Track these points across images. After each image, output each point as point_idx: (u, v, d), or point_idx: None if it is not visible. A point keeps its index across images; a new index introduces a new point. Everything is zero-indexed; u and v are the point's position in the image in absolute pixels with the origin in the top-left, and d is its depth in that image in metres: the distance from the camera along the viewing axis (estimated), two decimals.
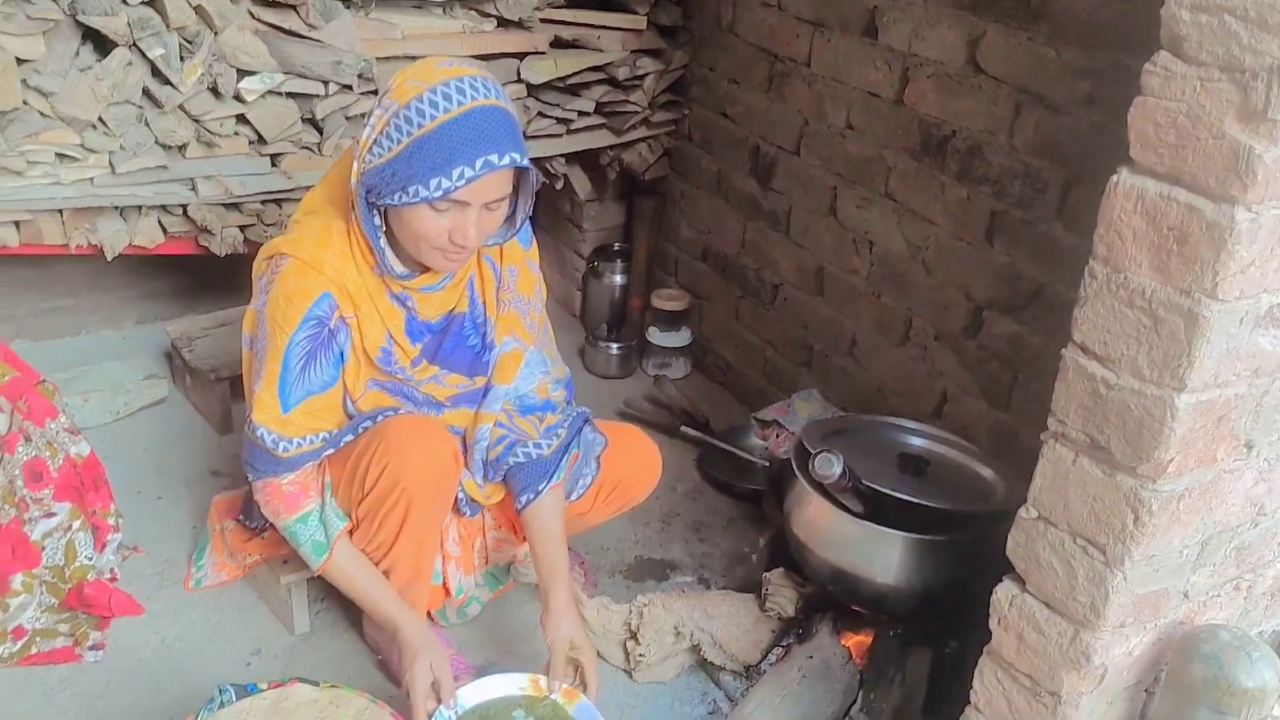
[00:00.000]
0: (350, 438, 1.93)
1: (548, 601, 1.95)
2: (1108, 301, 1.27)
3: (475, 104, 1.68)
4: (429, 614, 2.16)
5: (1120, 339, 1.27)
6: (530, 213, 1.89)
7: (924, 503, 1.89)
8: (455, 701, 1.83)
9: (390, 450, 1.84)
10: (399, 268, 1.85)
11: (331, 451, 1.94)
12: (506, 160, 1.68)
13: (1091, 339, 1.30)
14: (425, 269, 1.87)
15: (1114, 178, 1.24)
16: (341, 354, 1.88)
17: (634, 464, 2.17)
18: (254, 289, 1.91)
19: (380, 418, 1.93)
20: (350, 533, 1.96)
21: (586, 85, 2.97)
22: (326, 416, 1.90)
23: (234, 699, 1.73)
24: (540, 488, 1.99)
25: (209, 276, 3.09)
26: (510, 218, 1.87)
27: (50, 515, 2.10)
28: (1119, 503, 1.32)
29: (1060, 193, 2.12)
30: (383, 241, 1.80)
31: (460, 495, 2.05)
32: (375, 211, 1.78)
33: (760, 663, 2.13)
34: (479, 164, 1.66)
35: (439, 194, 1.67)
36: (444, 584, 2.12)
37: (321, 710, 1.72)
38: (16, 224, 2.44)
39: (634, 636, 2.15)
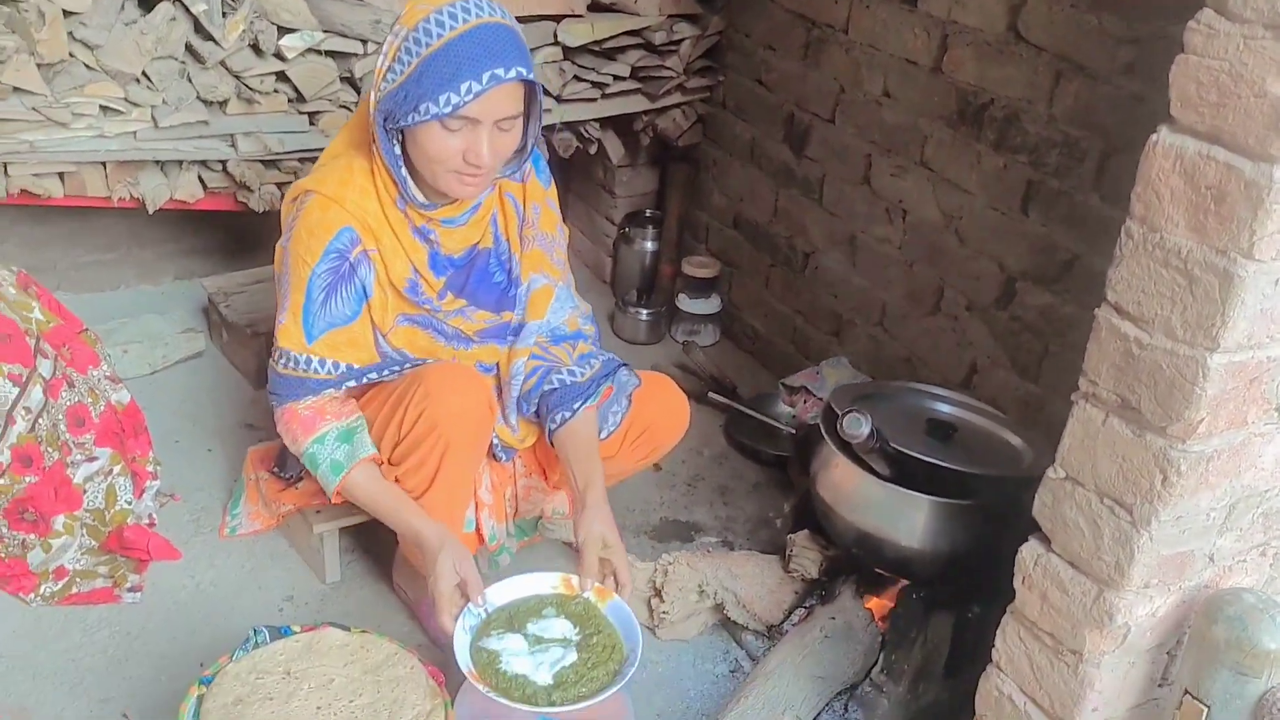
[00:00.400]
0: (374, 375, 1.97)
1: (583, 499, 1.93)
2: (1143, 261, 1.28)
3: (480, 20, 1.72)
4: None
5: (1154, 299, 1.27)
6: (539, 137, 1.92)
7: (950, 466, 1.90)
8: (484, 600, 1.80)
9: (429, 395, 1.87)
10: (421, 197, 1.89)
11: (353, 384, 1.96)
12: (513, 74, 1.73)
13: (1125, 299, 1.31)
14: (448, 200, 1.91)
15: (1153, 136, 1.24)
16: (364, 289, 1.92)
17: (663, 410, 2.19)
18: (282, 230, 1.97)
19: (408, 366, 1.98)
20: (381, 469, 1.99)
21: (622, 49, 2.98)
22: (349, 351, 1.93)
23: (268, 640, 1.77)
24: (575, 407, 2.02)
25: (246, 233, 3.13)
26: (520, 150, 1.90)
27: (92, 459, 2.15)
28: (1148, 463, 1.33)
29: (1098, 163, 2.12)
30: (404, 171, 1.85)
31: (494, 441, 2.09)
32: (394, 141, 1.82)
33: (783, 623, 2.15)
34: (486, 78, 1.71)
35: (449, 110, 1.72)
36: (477, 530, 2.15)
37: (353, 654, 1.76)
38: (61, 175, 2.48)
39: (658, 594, 2.17)
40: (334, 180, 1.89)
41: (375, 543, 2.35)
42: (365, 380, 1.98)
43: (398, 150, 1.84)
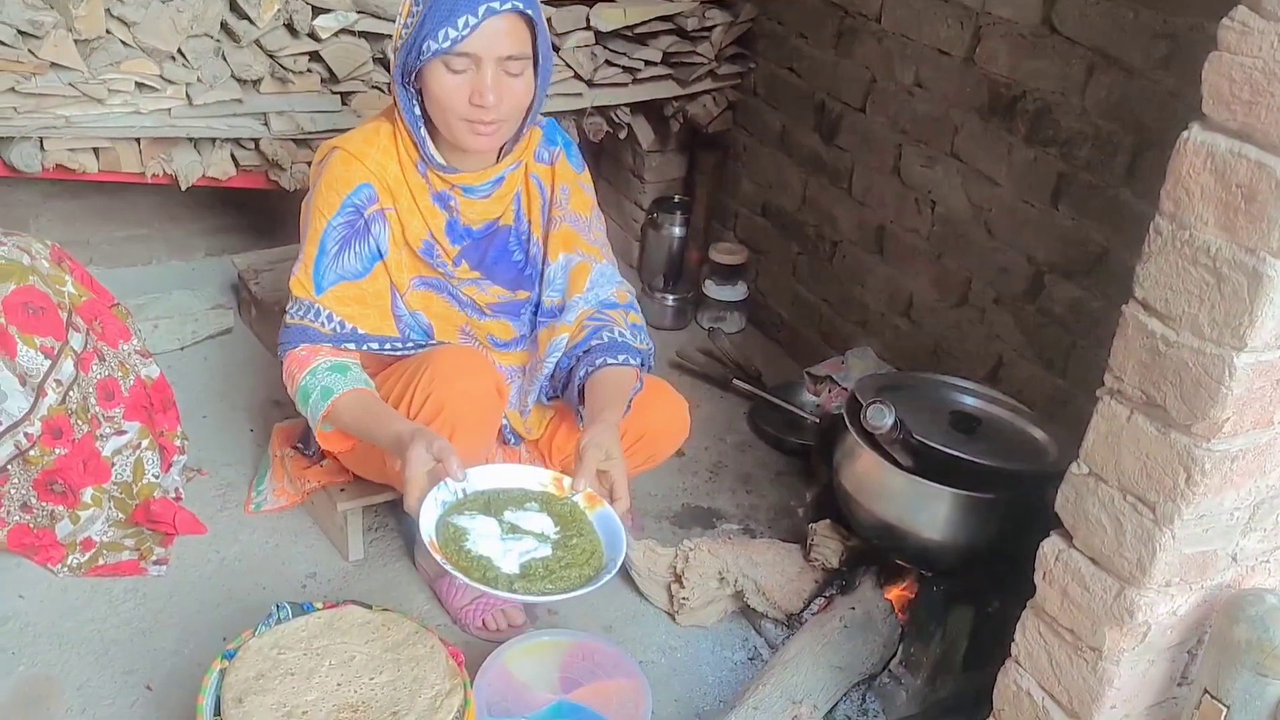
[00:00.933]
0: (375, 346, 1.97)
1: (596, 416, 1.85)
2: (1171, 258, 1.27)
3: None
4: None
5: (1182, 296, 1.26)
6: (546, 87, 1.93)
7: (973, 459, 1.90)
8: (464, 477, 1.71)
9: (436, 378, 1.88)
10: (440, 159, 1.93)
11: (352, 346, 1.95)
12: (509, 5, 1.77)
13: (1153, 295, 1.30)
14: (469, 167, 1.93)
15: (1184, 133, 1.23)
16: (379, 249, 1.94)
17: (662, 417, 2.12)
18: (309, 190, 2.01)
19: (411, 345, 2.00)
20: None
21: (654, 35, 2.97)
22: (357, 309, 1.94)
23: (290, 616, 1.79)
24: (620, 357, 1.98)
25: (277, 212, 3.14)
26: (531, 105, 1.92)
27: (121, 433, 2.18)
28: (1172, 461, 1.32)
29: (1130, 157, 2.10)
30: (423, 131, 1.89)
31: (504, 425, 2.09)
32: (414, 100, 1.86)
33: (802, 612, 2.15)
34: (481, 10, 1.75)
35: (448, 45, 1.76)
36: None
37: (374, 631, 1.77)
38: (96, 151, 2.51)
39: (679, 580, 2.18)
40: (358, 139, 1.94)
41: (398, 522, 2.37)
42: (366, 348, 1.97)
43: (417, 110, 1.88)
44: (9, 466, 2.05)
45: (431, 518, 1.67)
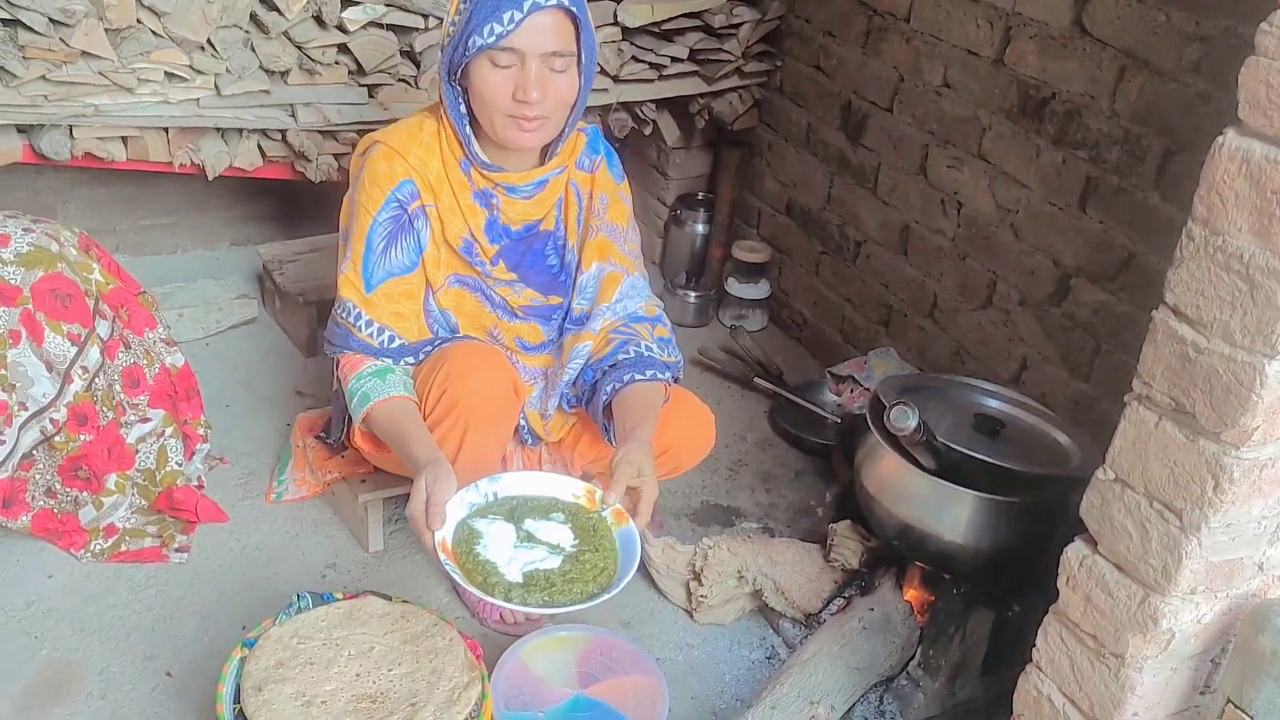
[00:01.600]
0: (411, 360, 1.99)
1: (630, 434, 1.85)
2: (1203, 264, 1.26)
3: None
4: None
5: (1214, 302, 1.25)
6: (590, 84, 1.94)
7: (996, 463, 1.89)
8: (494, 485, 1.75)
9: (451, 374, 1.89)
10: (484, 156, 1.93)
11: (390, 360, 1.96)
12: (553, 2, 1.77)
13: (1184, 301, 1.29)
14: (511, 166, 1.94)
15: (1219, 139, 1.22)
16: (420, 243, 1.95)
17: (688, 430, 2.11)
18: (349, 183, 2.02)
19: (437, 344, 2.00)
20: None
21: (681, 31, 2.97)
22: (406, 304, 1.96)
23: (310, 606, 1.80)
24: (648, 372, 1.97)
25: (302, 203, 3.16)
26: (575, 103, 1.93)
27: (145, 420, 2.19)
28: (1200, 468, 1.31)
29: (1159, 161, 2.09)
30: (469, 129, 1.90)
31: (522, 424, 2.10)
32: (460, 98, 1.87)
33: (821, 612, 2.15)
34: (527, 5, 1.76)
35: (493, 40, 1.76)
36: None
37: (393, 623, 1.78)
38: (125, 140, 2.52)
39: (697, 578, 2.18)
40: (401, 134, 1.95)
41: None
42: (403, 363, 1.98)
43: (463, 107, 1.89)
44: (35, 452, 2.06)
45: (454, 518, 1.68)
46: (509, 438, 2.07)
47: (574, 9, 1.80)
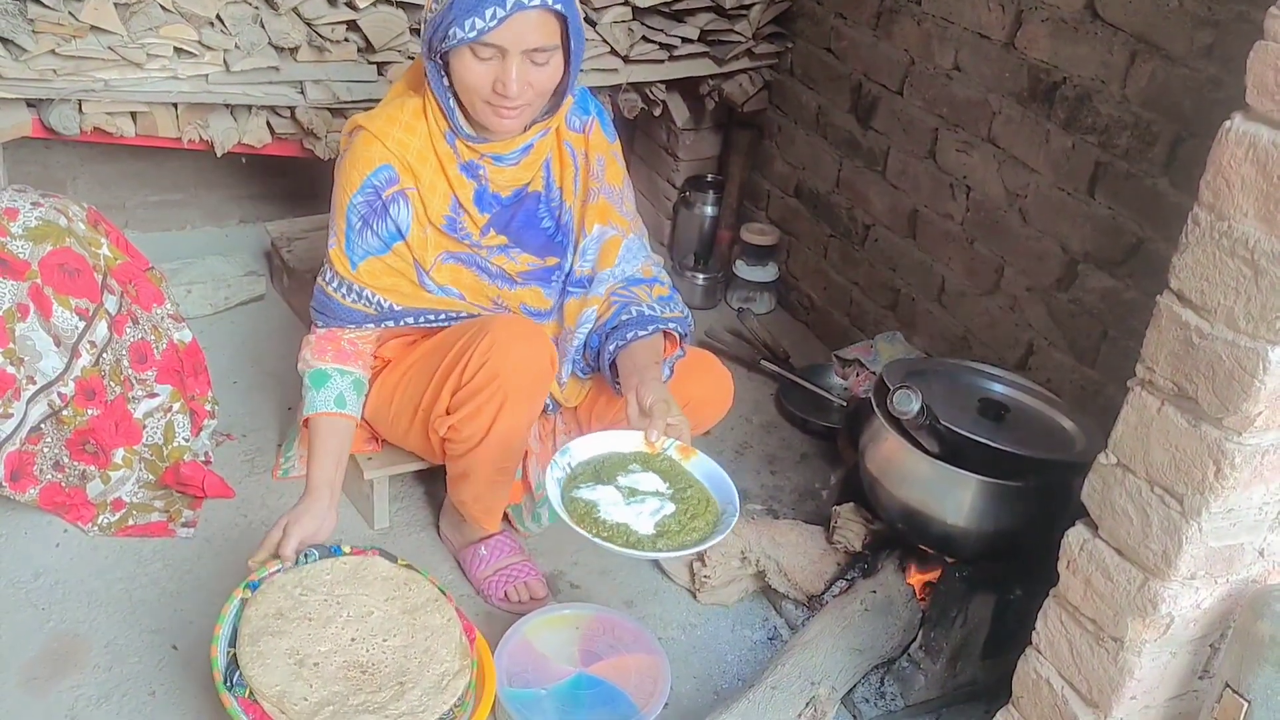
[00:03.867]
0: (411, 321, 2.02)
1: (642, 374, 1.90)
2: (1209, 249, 1.26)
3: None
4: (505, 515, 2.23)
5: (1218, 288, 1.25)
6: (577, 75, 1.92)
7: (999, 446, 1.89)
8: (565, 458, 1.77)
9: (494, 345, 1.89)
10: (468, 129, 1.92)
11: (391, 324, 2.01)
12: (537, 1, 1.73)
13: (1189, 286, 1.29)
14: (495, 135, 1.93)
15: (1226, 123, 1.22)
16: (399, 229, 1.96)
17: (706, 389, 2.14)
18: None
19: (443, 316, 2.03)
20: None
21: (692, 12, 2.96)
22: (387, 279, 1.98)
23: (317, 559, 1.80)
24: (649, 328, 2.01)
25: (311, 180, 3.16)
26: (560, 89, 1.91)
27: (152, 395, 2.20)
28: (1201, 453, 1.31)
29: (1169, 147, 2.08)
30: (451, 102, 1.89)
31: None
32: (442, 72, 1.86)
33: (823, 593, 2.15)
34: (510, 3, 1.72)
35: (474, 35, 1.74)
36: (524, 478, 2.18)
37: (395, 589, 1.78)
38: (134, 115, 2.52)
39: (701, 558, 2.19)
40: (382, 118, 1.94)
41: (424, 491, 2.39)
42: (403, 324, 2.02)
43: (446, 82, 1.87)
44: (43, 426, 2.08)
45: (557, 498, 1.70)
46: (539, 412, 2.08)
47: (559, 7, 1.76)
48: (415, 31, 2.65)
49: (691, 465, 1.78)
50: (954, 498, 1.96)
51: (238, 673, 1.61)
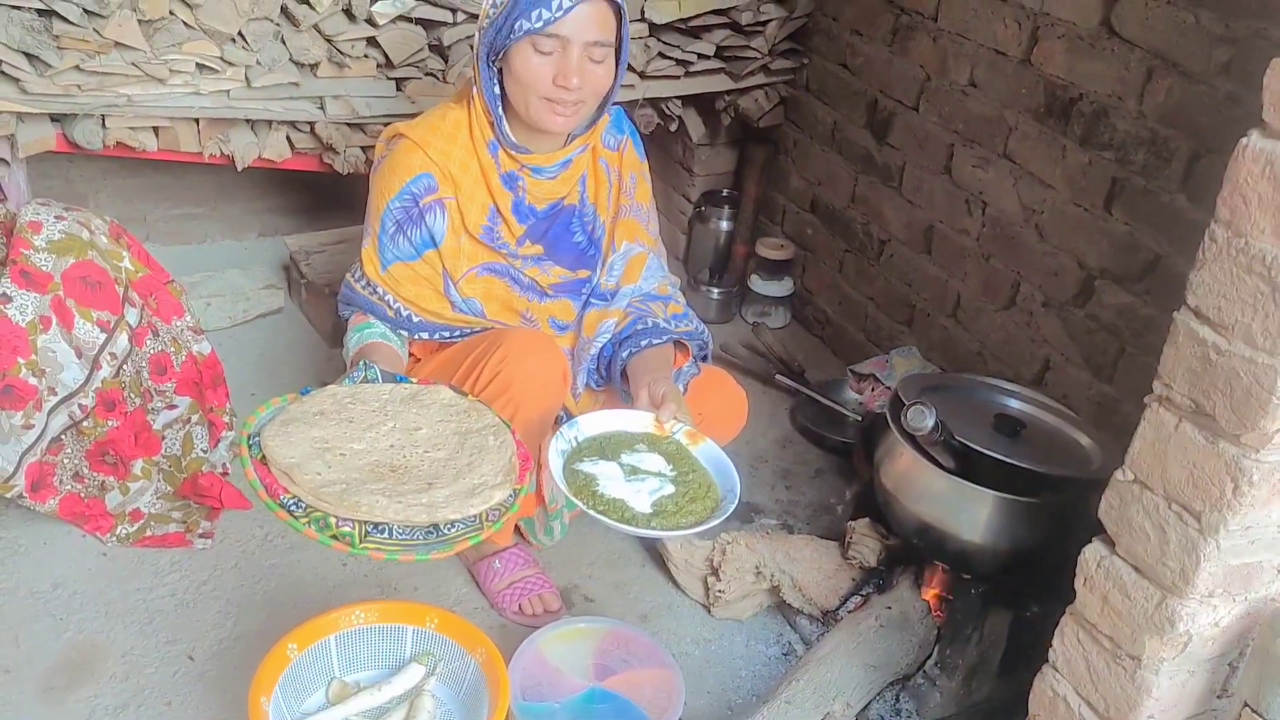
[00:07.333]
0: (426, 335, 2.06)
1: (654, 378, 1.96)
2: (1226, 266, 1.26)
3: None
4: (518, 529, 2.23)
5: (1236, 305, 1.25)
6: (622, 80, 1.98)
7: (1015, 463, 1.89)
8: (573, 431, 1.81)
9: (507, 357, 1.92)
10: (514, 138, 1.98)
11: (405, 334, 2.06)
12: None
13: (1206, 303, 1.29)
14: (540, 147, 1.98)
15: (1243, 140, 1.22)
16: (432, 238, 2.01)
17: (721, 403, 2.19)
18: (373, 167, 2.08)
19: (460, 331, 2.06)
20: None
21: (708, 28, 2.97)
22: (413, 288, 2.02)
23: (379, 380, 1.75)
24: (663, 337, 2.07)
25: (330, 194, 3.19)
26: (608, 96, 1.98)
27: (172, 407, 2.22)
28: (1219, 471, 1.31)
29: (1186, 163, 2.08)
30: (500, 109, 1.94)
31: None
32: (495, 80, 1.91)
33: (838, 609, 2.15)
34: None
35: (540, 24, 1.81)
36: (537, 491, 2.18)
37: (453, 414, 1.69)
38: (156, 130, 2.55)
39: (715, 573, 2.18)
40: (424, 126, 2.00)
41: None
42: (418, 337, 2.06)
43: (497, 89, 1.93)
44: (63, 436, 2.09)
45: (558, 467, 1.72)
46: (550, 425, 2.09)
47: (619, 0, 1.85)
48: (434, 48, 2.67)
49: (698, 451, 1.82)
50: (970, 514, 1.95)
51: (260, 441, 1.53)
